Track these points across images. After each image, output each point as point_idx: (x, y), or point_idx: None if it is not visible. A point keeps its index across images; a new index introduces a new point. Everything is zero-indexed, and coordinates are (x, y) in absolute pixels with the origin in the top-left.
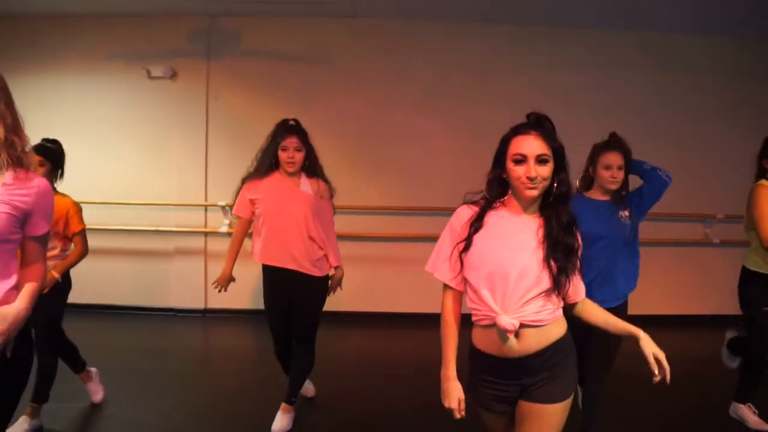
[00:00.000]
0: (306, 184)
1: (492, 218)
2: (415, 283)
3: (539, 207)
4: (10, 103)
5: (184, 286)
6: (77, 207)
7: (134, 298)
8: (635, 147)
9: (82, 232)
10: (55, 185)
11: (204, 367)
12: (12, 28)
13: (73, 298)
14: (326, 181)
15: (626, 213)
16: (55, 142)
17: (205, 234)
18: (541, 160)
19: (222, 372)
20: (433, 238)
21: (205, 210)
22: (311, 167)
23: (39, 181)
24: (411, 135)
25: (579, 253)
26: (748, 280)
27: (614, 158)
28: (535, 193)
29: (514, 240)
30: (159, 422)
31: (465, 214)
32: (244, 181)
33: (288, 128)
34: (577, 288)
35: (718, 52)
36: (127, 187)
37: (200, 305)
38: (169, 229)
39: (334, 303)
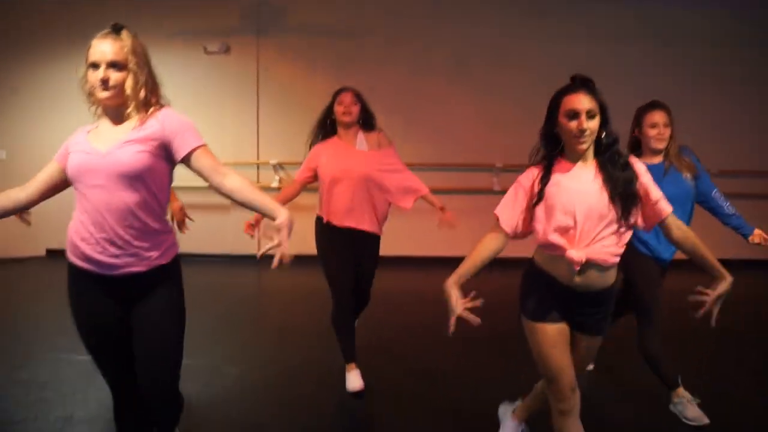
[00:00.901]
0: (362, 141)
1: (556, 172)
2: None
3: (594, 155)
4: (150, 69)
5: (239, 235)
6: None
7: (197, 246)
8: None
9: None
10: None
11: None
12: (84, 7)
13: None
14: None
15: (688, 175)
16: None
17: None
18: (590, 116)
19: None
20: (458, 191)
21: (258, 168)
22: (367, 122)
23: (161, 111)
24: (440, 98)
25: (638, 182)
26: None
27: (659, 116)
28: (585, 146)
29: (579, 186)
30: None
31: (533, 173)
32: (310, 146)
33: (342, 88)
34: (657, 207)
35: (708, 26)
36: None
37: (253, 251)
38: None
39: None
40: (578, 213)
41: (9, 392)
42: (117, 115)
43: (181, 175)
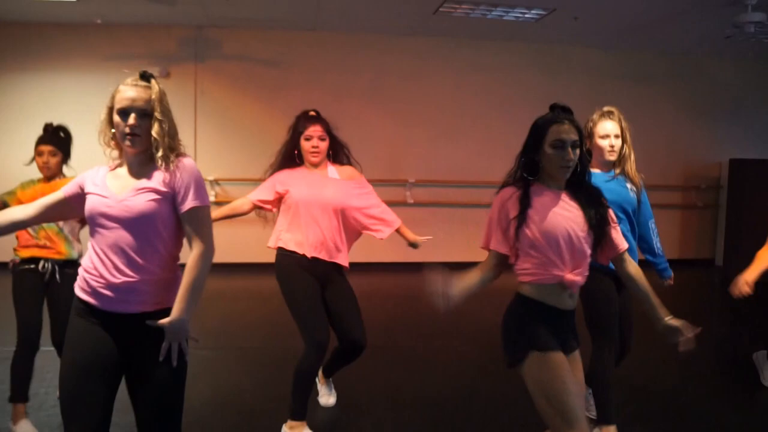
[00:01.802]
0: (334, 172)
1: (534, 196)
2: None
3: (565, 183)
4: (171, 116)
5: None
6: None
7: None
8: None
9: None
10: (63, 171)
11: None
12: (25, 33)
13: None
14: (353, 164)
15: (633, 187)
16: (64, 129)
17: None
18: (574, 146)
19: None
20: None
21: None
22: (336, 155)
23: (181, 161)
24: (358, 123)
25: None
26: None
27: (611, 127)
28: (568, 174)
29: (561, 211)
30: None
31: (510, 193)
32: (272, 171)
33: (310, 118)
34: (617, 240)
35: (594, 61)
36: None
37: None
38: None
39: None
40: (566, 237)
41: None
42: (138, 162)
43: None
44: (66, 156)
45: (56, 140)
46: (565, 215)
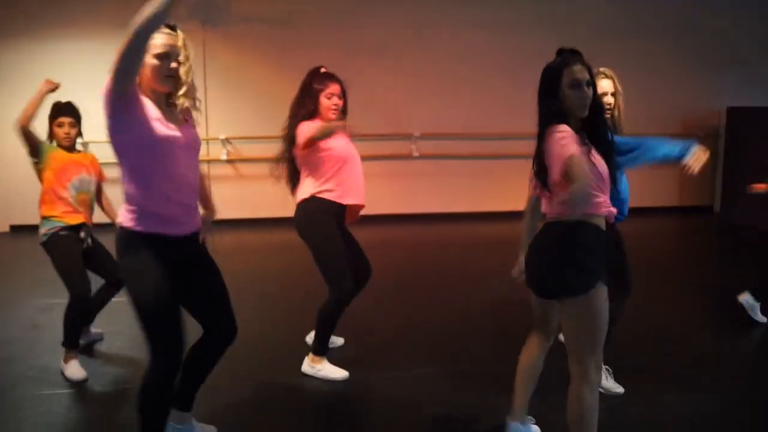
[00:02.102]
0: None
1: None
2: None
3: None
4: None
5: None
6: None
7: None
8: None
9: None
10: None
11: None
12: (41, 3)
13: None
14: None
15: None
16: (72, 104)
17: (208, 162)
18: (588, 84)
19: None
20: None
21: (207, 143)
22: (345, 113)
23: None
24: (365, 79)
25: None
26: None
27: (606, 85)
28: (586, 112)
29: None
30: None
31: (571, 131)
32: (296, 121)
33: (329, 76)
34: None
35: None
36: None
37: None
38: None
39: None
40: (606, 174)
41: None
42: (163, 99)
43: None
44: (80, 130)
45: (75, 113)
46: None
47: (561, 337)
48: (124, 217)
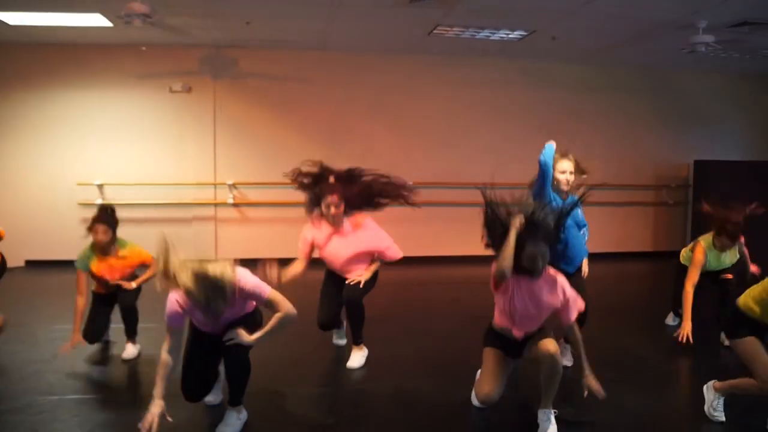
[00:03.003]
0: (348, 226)
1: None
2: None
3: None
4: None
5: (199, 244)
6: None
7: None
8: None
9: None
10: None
11: None
12: (63, 55)
13: None
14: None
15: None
16: (110, 208)
17: (215, 205)
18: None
19: None
20: None
21: (215, 187)
22: (349, 208)
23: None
24: (362, 133)
25: None
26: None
27: (567, 165)
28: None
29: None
30: None
31: None
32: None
33: (329, 186)
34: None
35: (573, 75)
36: (156, 172)
37: (211, 256)
38: (188, 202)
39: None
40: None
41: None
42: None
43: None
44: (115, 231)
45: (107, 220)
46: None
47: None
48: None
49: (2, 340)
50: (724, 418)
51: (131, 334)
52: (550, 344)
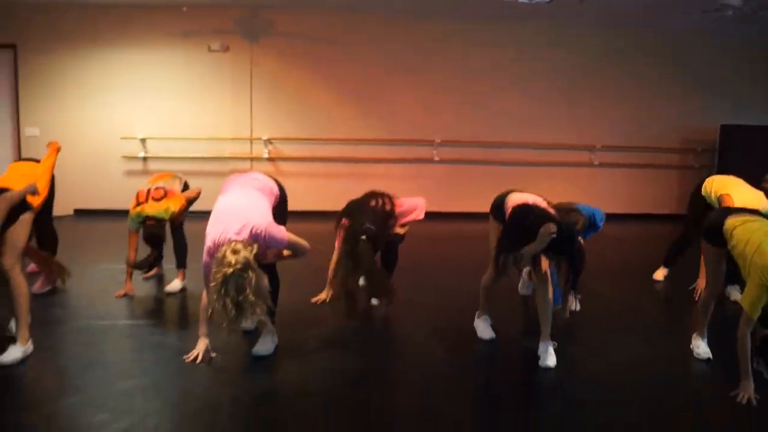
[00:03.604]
0: None
1: None
2: None
3: None
4: None
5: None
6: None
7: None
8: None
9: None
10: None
11: None
12: (107, 16)
13: None
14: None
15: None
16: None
17: (251, 159)
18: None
19: None
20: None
21: (251, 143)
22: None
23: None
24: (392, 92)
25: None
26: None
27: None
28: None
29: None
30: None
31: None
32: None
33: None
34: None
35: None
36: (195, 128)
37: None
38: (225, 156)
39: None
40: None
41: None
42: None
43: None
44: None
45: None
46: None
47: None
48: None
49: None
50: (709, 355)
51: (180, 265)
52: (539, 272)
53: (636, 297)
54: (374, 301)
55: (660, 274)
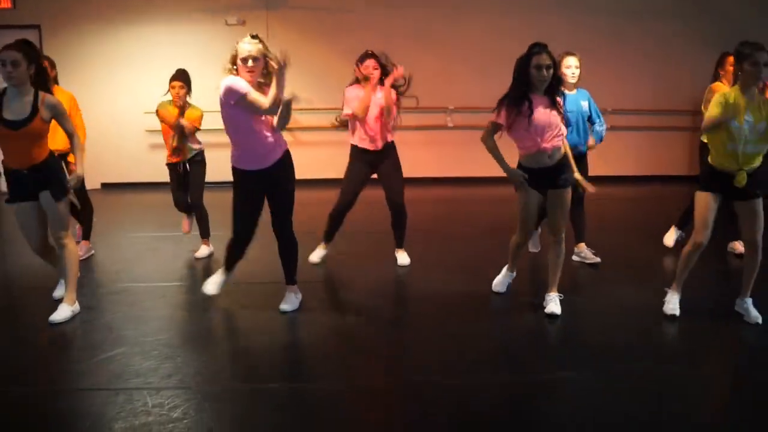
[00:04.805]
0: (379, 93)
1: (533, 98)
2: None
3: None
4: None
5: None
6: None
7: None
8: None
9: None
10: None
11: None
12: None
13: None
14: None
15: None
16: (185, 71)
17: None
18: (548, 68)
19: None
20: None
21: None
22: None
23: None
24: (407, 59)
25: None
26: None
27: (572, 61)
28: (545, 85)
29: (543, 108)
30: None
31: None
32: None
33: (366, 54)
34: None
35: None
36: (214, 100)
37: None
38: None
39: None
40: (544, 123)
41: None
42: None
43: None
44: (189, 89)
45: (183, 77)
46: (544, 111)
47: None
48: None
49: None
50: (677, 312)
51: (204, 234)
52: (558, 233)
53: (645, 250)
54: (401, 261)
55: (670, 239)
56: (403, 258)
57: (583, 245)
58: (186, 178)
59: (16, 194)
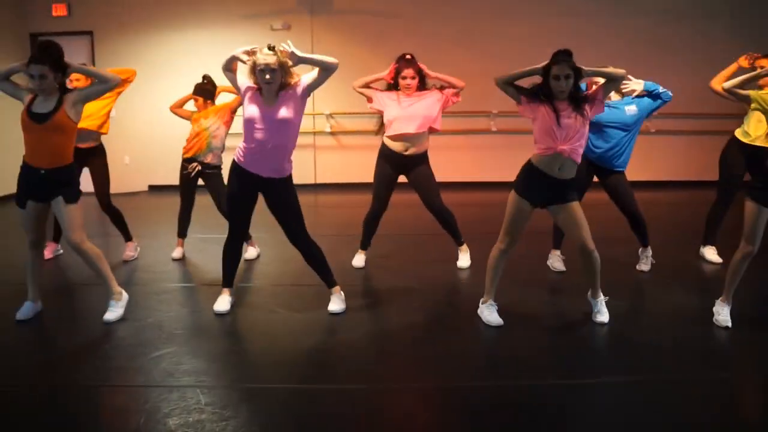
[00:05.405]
0: (421, 101)
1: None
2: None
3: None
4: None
5: (298, 168)
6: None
7: None
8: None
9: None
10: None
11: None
12: (175, 2)
13: None
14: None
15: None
16: (206, 78)
17: (314, 133)
18: (567, 77)
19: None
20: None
21: (313, 117)
22: (423, 87)
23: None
24: (449, 63)
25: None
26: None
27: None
28: (563, 96)
29: (568, 112)
30: None
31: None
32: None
33: (407, 61)
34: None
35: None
36: None
37: (311, 180)
38: None
39: None
40: (564, 127)
41: None
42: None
43: None
44: (207, 98)
45: (198, 90)
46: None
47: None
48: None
49: (139, 244)
50: (729, 323)
51: (246, 238)
52: (585, 240)
53: (691, 255)
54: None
55: (713, 256)
56: (463, 260)
57: (557, 253)
58: (193, 183)
59: (27, 194)
